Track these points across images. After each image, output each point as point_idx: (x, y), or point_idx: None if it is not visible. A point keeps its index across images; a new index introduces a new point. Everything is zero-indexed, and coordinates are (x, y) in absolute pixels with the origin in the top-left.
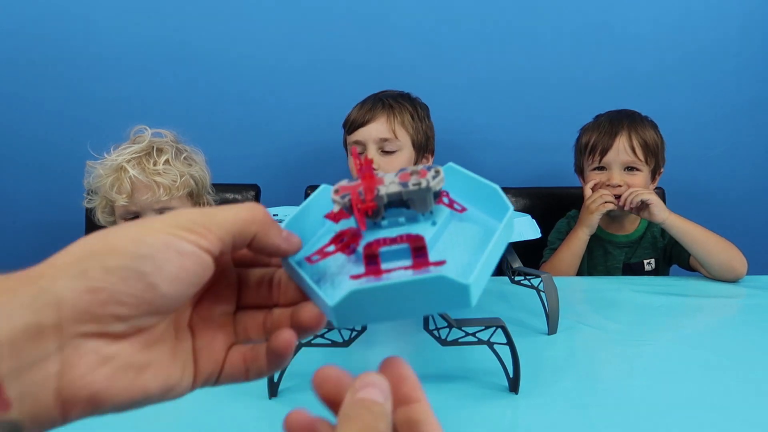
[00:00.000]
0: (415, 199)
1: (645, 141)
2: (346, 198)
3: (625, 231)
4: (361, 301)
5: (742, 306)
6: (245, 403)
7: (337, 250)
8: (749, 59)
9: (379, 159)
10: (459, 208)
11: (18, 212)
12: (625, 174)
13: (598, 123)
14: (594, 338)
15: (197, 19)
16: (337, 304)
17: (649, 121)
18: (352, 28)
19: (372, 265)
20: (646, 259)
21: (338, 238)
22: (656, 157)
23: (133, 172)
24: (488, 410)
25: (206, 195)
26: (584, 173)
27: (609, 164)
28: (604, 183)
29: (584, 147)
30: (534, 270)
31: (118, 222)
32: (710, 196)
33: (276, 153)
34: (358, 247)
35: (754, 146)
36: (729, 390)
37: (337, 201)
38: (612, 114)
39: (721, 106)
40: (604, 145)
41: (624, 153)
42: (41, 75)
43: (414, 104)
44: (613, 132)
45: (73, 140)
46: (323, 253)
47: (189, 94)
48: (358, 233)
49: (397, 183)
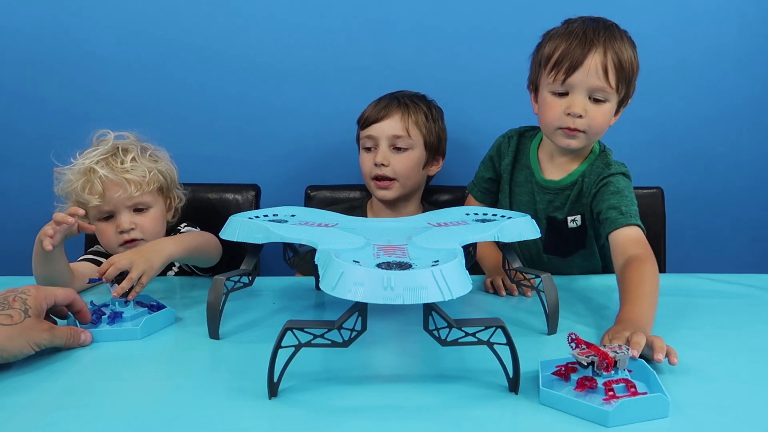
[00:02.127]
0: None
1: (621, 62)
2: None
3: (558, 175)
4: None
5: (743, 306)
6: (245, 403)
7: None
8: (749, 58)
9: (390, 156)
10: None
11: (18, 212)
12: (589, 103)
13: (569, 31)
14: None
15: (197, 19)
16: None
17: (628, 36)
18: (353, 28)
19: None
20: (570, 215)
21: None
22: (628, 86)
23: (103, 172)
24: (488, 410)
25: (175, 189)
26: (539, 90)
27: (573, 86)
28: (564, 111)
29: (545, 58)
30: (534, 270)
31: (94, 223)
32: (710, 196)
33: (276, 153)
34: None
35: (754, 146)
36: (729, 390)
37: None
38: (587, 21)
39: (720, 106)
40: (573, 61)
41: (594, 75)
42: (41, 75)
43: (429, 105)
44: (586, 45)
45: (73, 140)
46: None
47: (189, 94)
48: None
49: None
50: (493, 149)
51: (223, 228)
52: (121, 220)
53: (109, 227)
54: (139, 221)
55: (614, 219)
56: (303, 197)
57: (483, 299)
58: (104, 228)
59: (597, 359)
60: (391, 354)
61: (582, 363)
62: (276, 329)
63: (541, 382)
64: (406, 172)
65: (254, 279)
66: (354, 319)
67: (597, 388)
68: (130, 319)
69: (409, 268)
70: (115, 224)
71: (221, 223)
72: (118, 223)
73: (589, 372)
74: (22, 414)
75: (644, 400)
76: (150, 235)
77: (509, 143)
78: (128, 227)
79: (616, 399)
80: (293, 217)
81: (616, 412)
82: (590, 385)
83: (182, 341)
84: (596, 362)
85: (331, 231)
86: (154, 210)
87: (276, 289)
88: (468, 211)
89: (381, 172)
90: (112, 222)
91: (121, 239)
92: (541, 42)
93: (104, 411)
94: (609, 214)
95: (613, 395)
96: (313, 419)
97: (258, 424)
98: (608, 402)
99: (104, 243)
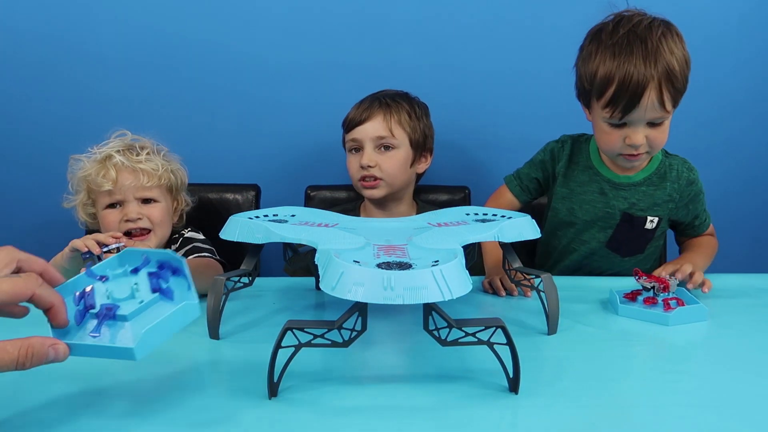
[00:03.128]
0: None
1: (674, 83)
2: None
3: (632, 170)
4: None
5: (743, 305)
6: (245, 403)
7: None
8: (749, 58)
9: (376, 157)
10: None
11: (18, 212)
12: (648, 129)
13: (618, 54)
14: (594, 338)
15: (197, 19)
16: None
17: (676, 34)
18: (352, 28)
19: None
20: (650, 216)
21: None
22: (683, 92)
23: (119, 158)
24: (488, 410)
25: (183, 194)
26: (591, 111)
27: (631, 121)
28: (623, 141)
29: (597, 89)
30: (534, 270)
31: (100, 214)
32: (710, 196)
33: (276, 153)
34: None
35: (754, 146)
36: (729, 390)
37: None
38: (632, 37)
39: (720, 106)
40: (629, 101)
41: (652, 110)
42: (41, 75)
43: (412, 103)
44: (642, 81)
45: (74, 140)
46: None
47: (189, 94)
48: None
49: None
50: (545, 153)
51: (223, 228)
52: (129, 209)
53: (115, 215)
54: (146, 211)
55: (701, 225)
56: (303, 197)
57: (483, 299)
58: (108, 215)
59: (657, 285)
60: (391, 354)
61: (647, 287)
62: (276, 329)
63: (618, 301)
64: (393, 171)
65: (254, 279)
66: (354, 319)
67: (658, 303)
68: (130, 320)
69: (409, 268)
70: (121, 213)
71: (221, 223)
72: (125, 212)
73: (651, 294)
74: (22, 414)
75: (691, 309)
76: (157, 226)
77: (563, 147)
78: (135, 216)
79: (671, 309)
80: (293, 217)
81: (674, 316)
82: (653, 301)
83: (182, 341)
84: (656, 287)
85: (331, 231)
86: (162, 204)
87: (276, 289)
88: (468, 211)
89: (368, 173)
90: (119, 211)
91: (125, 228)
92: (588, 53)
93: (104, 411)
94: (699, 221)
95: (669, 307)
96: (313, 419)
97: (258, 424)
98: (668, 311)
99: (106, 231)
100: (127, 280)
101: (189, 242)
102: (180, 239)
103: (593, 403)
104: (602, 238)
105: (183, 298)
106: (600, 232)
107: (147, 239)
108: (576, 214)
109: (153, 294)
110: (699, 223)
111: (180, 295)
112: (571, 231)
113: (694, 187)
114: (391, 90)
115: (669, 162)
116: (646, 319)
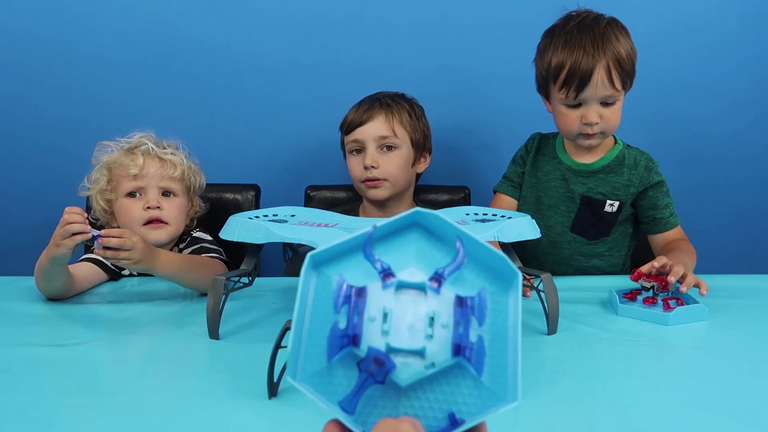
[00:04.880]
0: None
1: (622, 64)
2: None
3: (591, 158)
4: None
5: (742, 305)
6: (245, 403)
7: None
8: (749, 58)
9: (379, 157)
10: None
11: (18, 212)
12: (601, 108)
13: (570, 42)
14: (594, 338)
15: (197, 19)
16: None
17: (620, 27)
18: (352, 28)
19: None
20: (609, 200)
21: None
22: (631, 77)
23: (149, 144)
24: None
25: (197, 198)
26: (550, 98)
27: (584, 99)
28: (580, 121)
29: (553, 74)
30: (534, 270)
31: (119, 200)
32: (710, 196)
33: (276, 153)
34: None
35: (754, 146)
36: (729, 389)
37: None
38: (582, 27)
39: (720, 106)
40: (581, 78)
41: (602, 87)
42: (41, 75)
43: (410, 104)
44: (590, 62)
45: (74, 140)
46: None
47: (189, 94)
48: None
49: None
50: (521, 150)
51: (223, 228)
52: (150, 197)
53: (136, 204)
54: (165, 204)
55: (666, 219)
56: (303, 197)
57: None
58: (129, 204)
59: (656, 284)
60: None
61: (646, 287)
62: (276, 329)
63: (618, 301)
64: (396, 171)
65: (254, 279)
66: None
67: (657, 303)
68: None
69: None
70: (143, 200)
71: (221, 223)
72: (147, 199)
73: (650, 294)
74: (22, 414)
75: (691, 308)
76: (173, 222)
77: (533, 142)
78: (156, 204)
79: (671, 309)
80: (293, 217)
81: (674, 316)
82: (653, 301)
83: (182, 341)
84: (656, 286)
85: (331, 231)
86: (180, 200)
87: (276, 289)
88: (468, 211)
89: (371, 174)
90: (139, 200)
91: (146, 216)
92: (543, 47)
93: (104, 411)
94: (663, 214)
95: (668, 307)
96: (313, 419)
97: (258, 424)
98: (667, 311)
99: (126, 220)
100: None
101: (197, 242)
102: (188, 239)
103: (593, 403)
104: (566, 222)
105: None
106: (563, 216)
107: (162, 228)
108: (542, 200)
109: (452, 357)
110: (667, 215)
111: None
112: (539, 218)
113: (654, 175)
114: (388, 91)
115: (628, 152)
116: (645, 319)
